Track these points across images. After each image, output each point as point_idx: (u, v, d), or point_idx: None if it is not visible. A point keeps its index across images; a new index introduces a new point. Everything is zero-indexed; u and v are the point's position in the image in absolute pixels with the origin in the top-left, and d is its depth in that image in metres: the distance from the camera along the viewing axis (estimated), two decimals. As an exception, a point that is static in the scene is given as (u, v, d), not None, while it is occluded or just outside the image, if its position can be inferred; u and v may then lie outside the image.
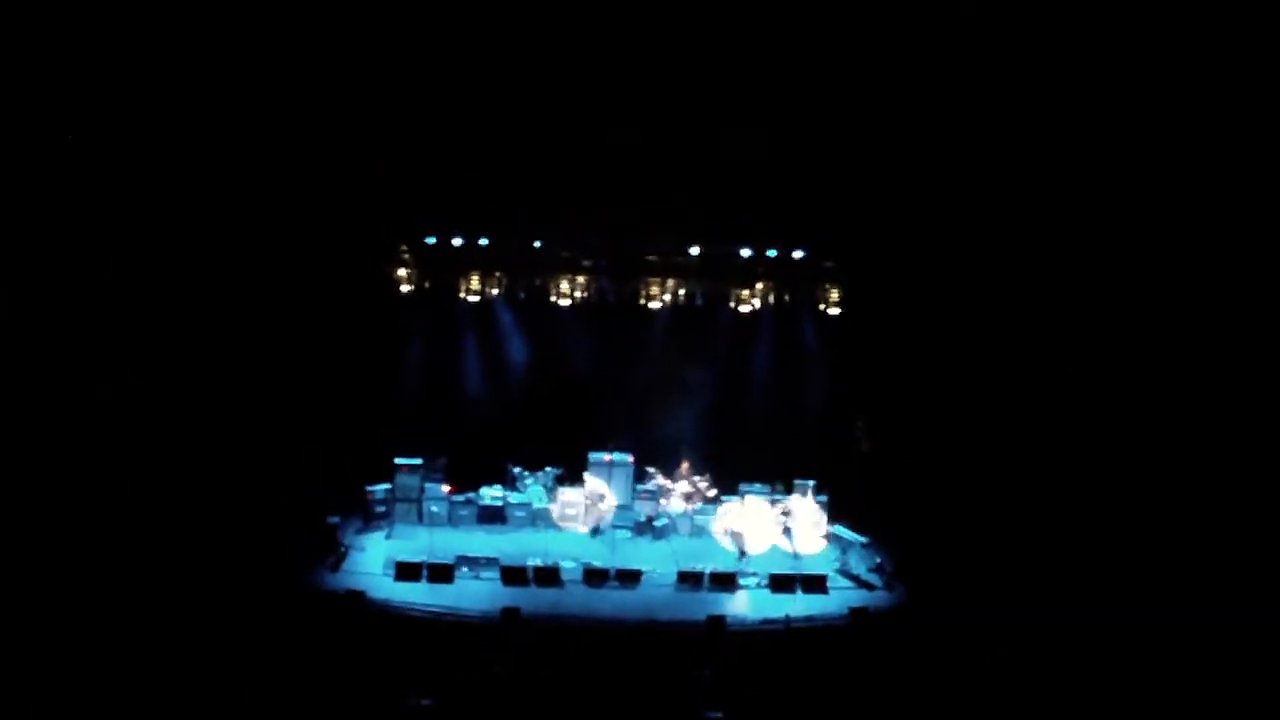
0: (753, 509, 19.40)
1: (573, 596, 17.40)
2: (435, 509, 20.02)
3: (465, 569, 17.81)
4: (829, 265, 21.05)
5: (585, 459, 20.76)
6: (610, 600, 17.35)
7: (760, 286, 21.19)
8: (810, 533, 19.49)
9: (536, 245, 20.72)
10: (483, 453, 21.17)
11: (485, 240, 20.48)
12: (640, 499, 20.65)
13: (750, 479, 20.71)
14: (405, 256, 20.79)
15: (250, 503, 17.69)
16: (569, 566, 18.05)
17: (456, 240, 20.41)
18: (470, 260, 20.81)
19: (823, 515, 19.80)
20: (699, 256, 20.78)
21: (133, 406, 17.68)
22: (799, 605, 17.22)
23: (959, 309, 19.54)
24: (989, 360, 19.41)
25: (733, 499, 20.12)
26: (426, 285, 20.96)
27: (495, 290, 21.16)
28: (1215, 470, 17.12)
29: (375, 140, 18.58)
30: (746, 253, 20.64)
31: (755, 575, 18.00)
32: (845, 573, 18.63)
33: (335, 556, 18.25)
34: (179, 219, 18.09)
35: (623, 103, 18.27)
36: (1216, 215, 17.17)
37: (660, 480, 21.00)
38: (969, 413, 19.61)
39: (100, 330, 17.46)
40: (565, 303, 21.15)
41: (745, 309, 21.26)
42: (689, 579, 17.87)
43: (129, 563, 15.78)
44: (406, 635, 15.77)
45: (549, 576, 17.75)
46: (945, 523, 18.81)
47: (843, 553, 19.37)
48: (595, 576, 17.87)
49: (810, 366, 21.86)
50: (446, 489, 20.42)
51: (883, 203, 19.25)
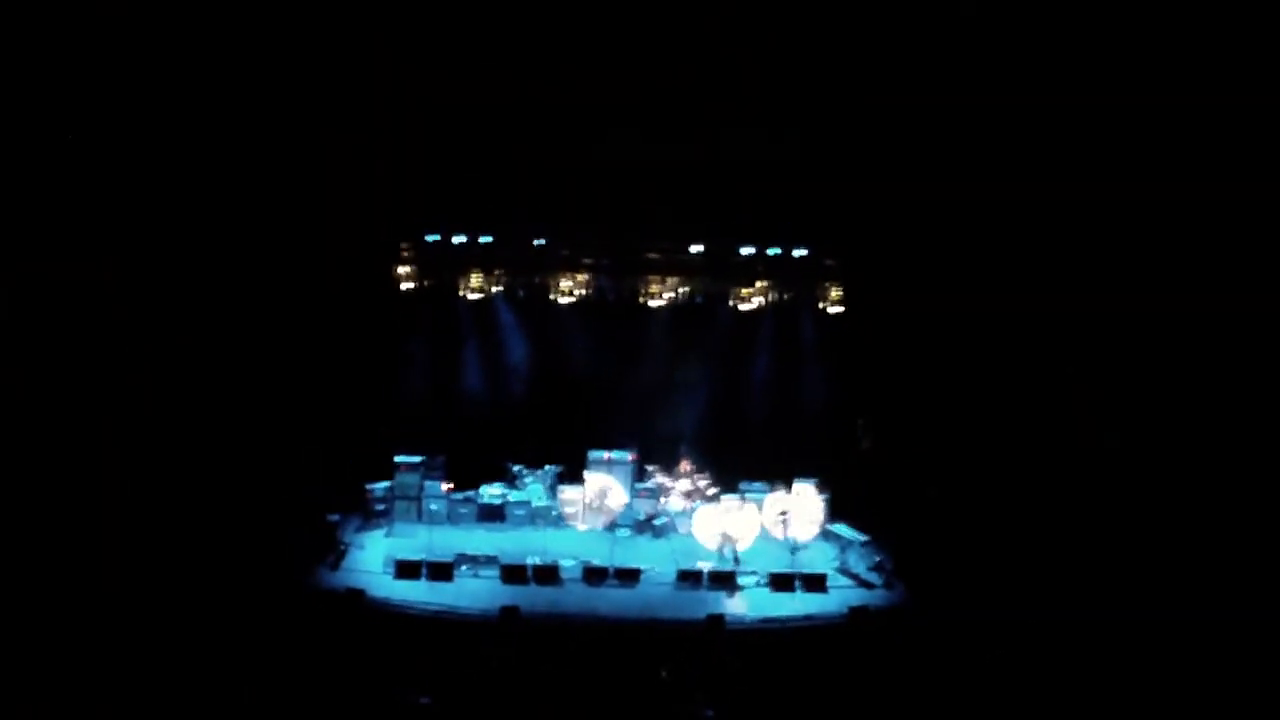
0: (732, 510, 19.30)
1: (572, 595, 17.39)
2: (435, 507, 20.05)
3: (465, 567, 17.81)
4: (830, 264, 21.06)
5: (585, 457, 20.76)
6: (609, 599, 17.33)
7: (761, 285, 21.21)
8: (807, 526, 19.52)
9: (537, 243, 20.73)
10: (482, 451, 21.20)
11: (486, 238, 20.50)
12: (640, 497, 20.64)
13: (750, 477, 20.73)
14: (406, 254, 20.83)
15: (250, 501, 17.68)
16: (568, 565, 18.05)
17: (457, 238, 20.42)
18: (471, 258, 20.86)
19: (821, 507, 19.86)
20: (700, 255, 20.77)
21: (133, 405, 17.68)
22: (798, 604, 17.23)
23: (959, 308, 19.52)
24: (989, 359, 19.40)
25: (733, 497, 20.10)
26: (427, 283, 21.02)
27: (496, 288, 21.21)
28: (1216, 469, 17.10)
29: (376, 138, 18.60)
30: (747, 251, 20.63)
31: (755, 574, 17.99)
32: (845, 571, 18.63)
33: (335, 554, 18.26)
34: (179, 219, 18.10)
35: (623, 101, 18.26)
36: (1217, 215, 17.14)
37: (660, 478, 21.00)
38: (969, 412, 19.60)
39: (100, 330, 17.45)
40: (566, 301, 21.15)
41: (746, 307, 21.27)
42: (688, 577, 17.87)
43: (129, 561, 15.79)
44: (406, 633, 15.77)
45: (548, 575, 17.74)
46: (945, 521, 18.80)
47: (842, 551, 19.37)
48: (595, 575, 17.86)
49: (811, 365, 21.87)
50: (446, 487, 20.40)
51: (884, 201, 19.25)
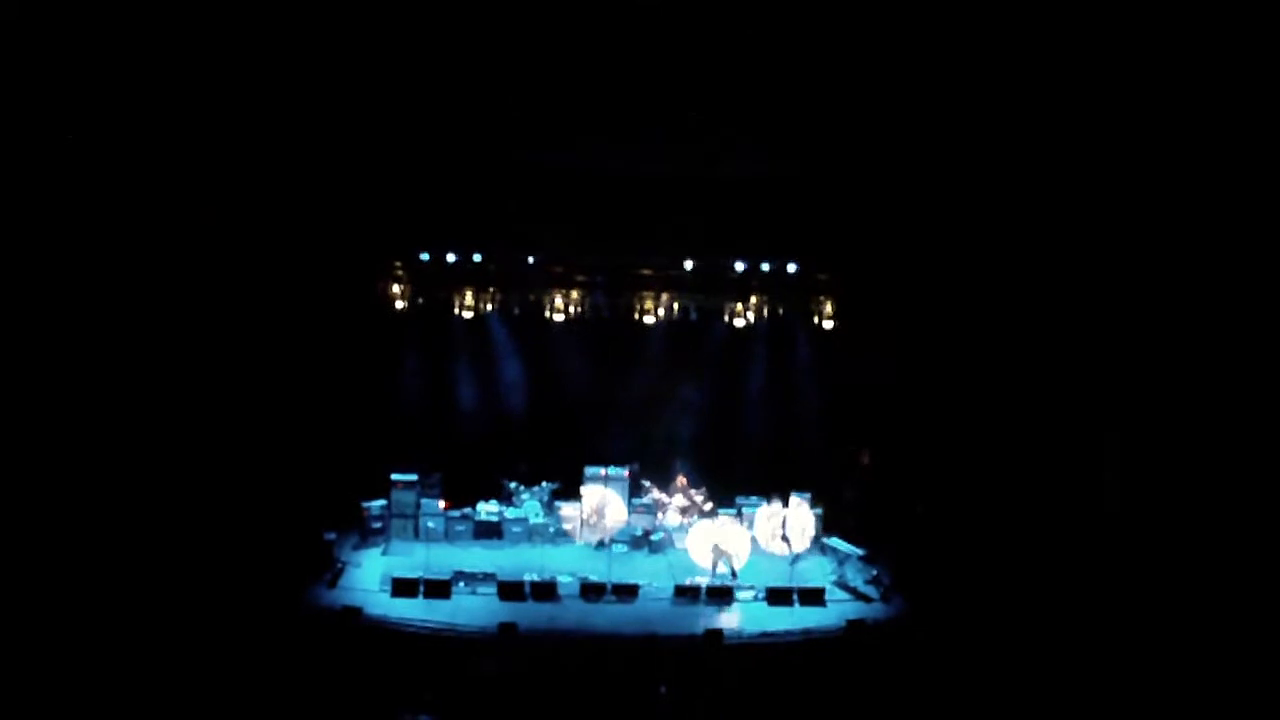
0: (727, 526, 19.32)
1: (570, 611, 17.37)
2: (431, 524, 20.05)
3: (462, 584, 17.78)
4: (823, 279, 21.11)
5: (581, 473, 20.77)
6: (607, 614, 17.32)
7: (754, 300, 21.24)
8: (800, 537, 19.57)
9: (530, 261, 20.76)
10: (478, 468, 21.21)
11: (479, 256, 20.52)
12: (636, 513, 20.65)
13: (746, 492, 20.77)
14: (399, 272, 20.84)
15: (246, 518, 17.66)
16: (566, 581, 18.05)
17: (450, 256, 20.44)
18: (464, 276, 20.86)
19: (814, 521, 19.93)
20: (692, 270, 20.82)
21: (127, 423, 17.65)
22: (796, 618, 17.23)
23: (953, 323, 19.60)
24: (984, 374, 19.43)
25: (729, 512, 20.13)
26: (420, 301, 21.02)
27: (489, 306, 21.21)
28: (1221, 482, 17.06)
29: (368, 156, 18.58)
30: (740, 266, 20.68)
31: (752, 589, 18.00)
32: (842, 585, 18.65)
33: (332, 572, 18.22)
34: (170, 234, 18.06)
35: (616, 117, 18.28)
36: (1218, 218, 17.12)
37: (656, 494, 21.02)
38: (965, 426, 19.63)
39: (97, 347, 17.42)
40: (560, 318, 21.18)
41: (739, 323, 21.30)
42: (686, 593, 17.88)
43: (125, 579, 15.74)
44: (403, 651, 15.75)
45: (546, 591, 17.73)
46: (942, 535, 18.83)
47: (840, 565, 19.39)
48: (592, 591, 17.86)
49: (805, 380, 21.92)
50: (442, 504, 20.41)
51: (877, 216, 19.31)
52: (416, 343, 21.55)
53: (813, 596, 17.78)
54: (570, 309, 21.21)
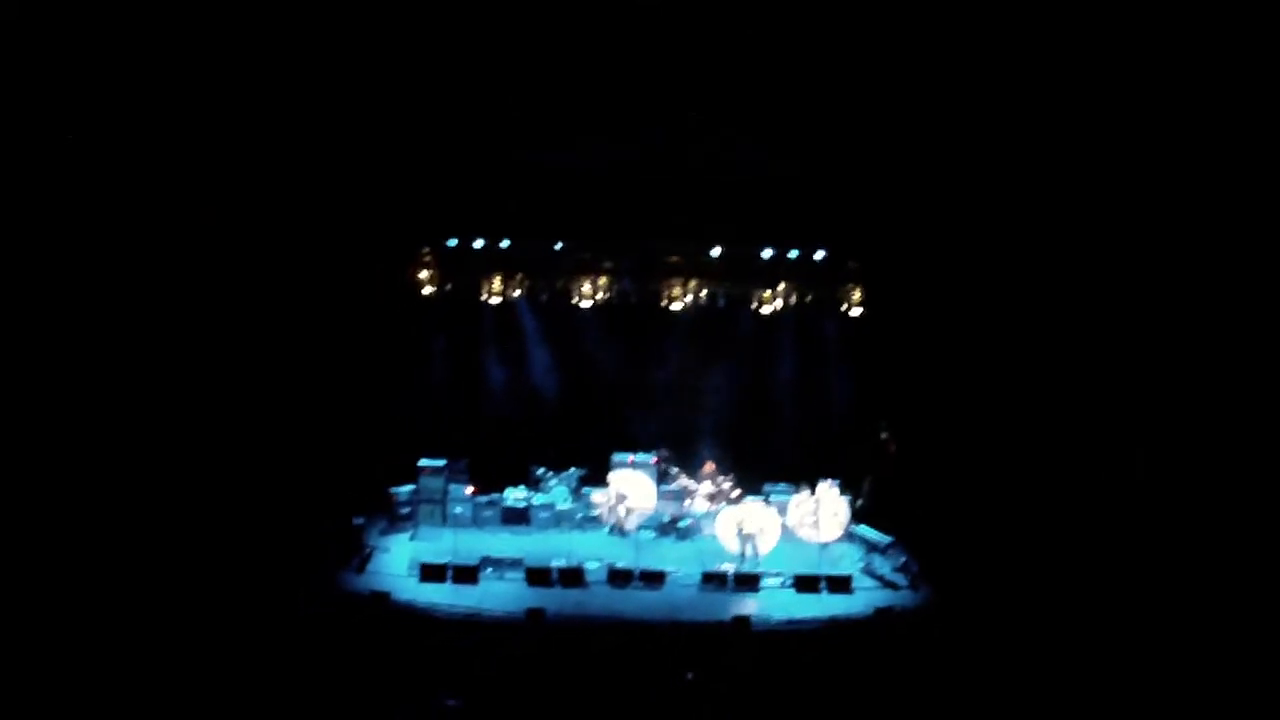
0: (755, 510, 19.32)
1: (597, 597, 17.41)
2: (459, 510, 20.13)
3: (490, 570, 17.84)
4: (851, 266, 21.01)
5: (608, 460, 20.77)
6: (635, 601, 17.34)
7: (782, 287, 21.15)
8: (831, 522, 19.52)
9: (557, 247, 20.74)
10: (506, 454, 21.24)
11: (506, 242, 20.51)
12: (664, 499, 20.64)
13: (774, 479, 20.73)
14: (427, 259, 20.85)
15: (276, 505, 17.76)
16: (593, 567, 18.06)
17: (478, 243, 20.44)
18: (492, 263, 20.86)
19: (845, 508, 19.88)
20: (720, 257, 20.75)
21: (158, 410, 17.78)
22: (824, 605, 17.20)
23: (981, 310, 19.49)
24: (1012, 361, 19.32)
25: (757, 498, 20.10)
26: (448, 288, 21.01)
27: (517, 292, 21.20)
28: (1253, 467, 16.93)
29: (395, 143, 18.61)
30: (768, 253, 20.61)
31: (780, 575, 17.97)
32: (870, 573, 18.60)
33: (360, 558, 18.32)
34: (202, 222, 18.17)
35: (642, 104, 18.25)
36: (1238, 213, 17.02)
37: (684, 481, 21.01)
38: (993, 413, 19.52)
39: (129, 333, 17.57)
40: (587, 304, 21.16)
41: (767, 310, 21.23)
42: (713, 579, 17.87)
43: (155, 564, 15.87)
44: (431, 636, 15.80)
45: (573, 577, 17.75)
46: (970, 523, 18.74)
47: (867, 553, 19.35)
48: (620, 577, 17.87)
49: (833, 367, 21.83)
50: (470, 490, 20.48)
51: (905, 202, 19.22)
52: (444, 329, 21.54)
53: (840, 584, 17.73)
54: (598, 295, 21.16)
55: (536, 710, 13.73)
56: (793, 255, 20.66)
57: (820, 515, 19.55)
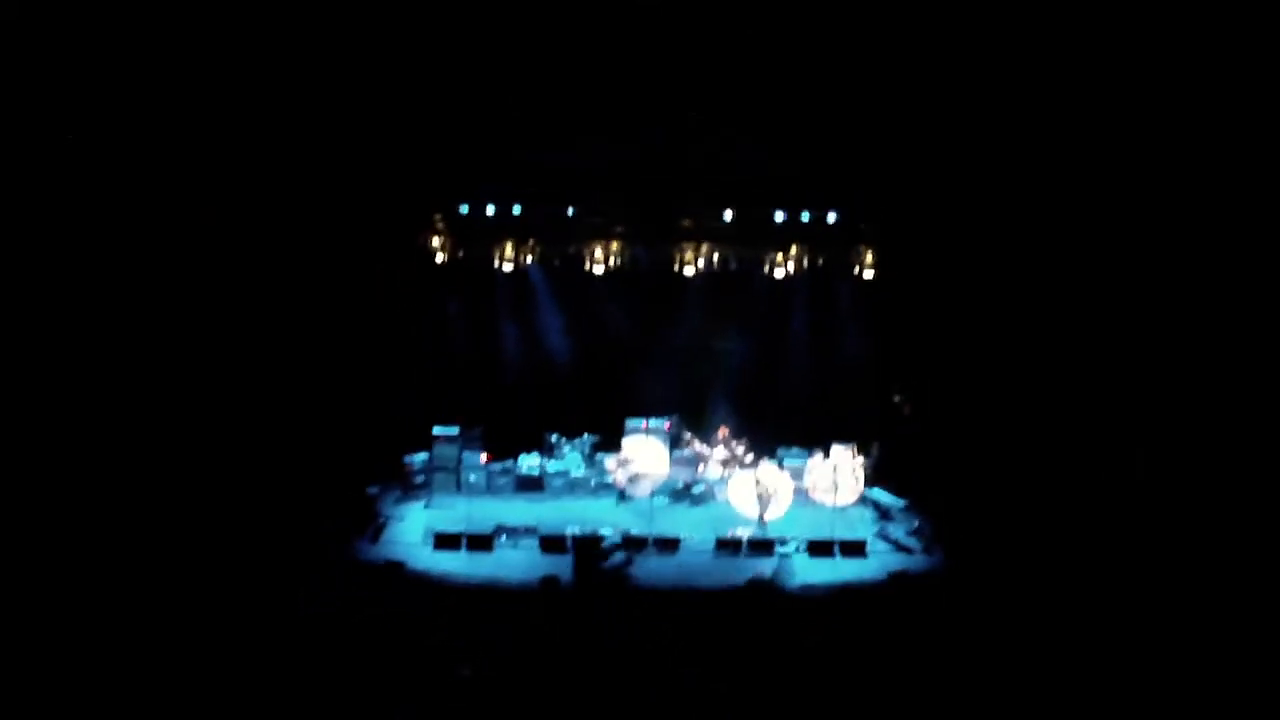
0: (769, 473, 19.31)
1: (611, 564, 17.42)
2: (473, 478, 20.17)
3: (504, 538, 17.90)
4: (864, 228, 20.88)
5: (622, 426, 20.76)
6: (648, 567, 17.38)
7: (795, 250, 21.04)
8: (850, 485, 19.50)
9: (569, 213, 20.66)
10: (520, 421, 21.25)
11: (518, 208, 20.44)
12: (677, 465, 20.64)
13: (788, 444, 20.70)
14: (439, 225, 20.80)
15: (289, 474, 17.82)
16: (607, 534, 18.09)
17: (490, 209, 20.38)
18: (504, 229, 20.80)
19: (860, 472, 19.89)
20: (732, 221, 20.64)
21: (171, 382, 17.82)
22: (838, 570, 17.21)
23: (995, 272, 19.37)
24: (1028, 324, 19.22)
25: (771, 463, 20.09)
26: (461, 254, 20.97)
27: (529, 258, 21.15)
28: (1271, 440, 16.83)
29: (407, 109, 18.54)
30: (780, 216, 20.48)
31: (794, 540, 17.97)
32: (884, 536, 18.61)
33: (374, 527, 18.38)
34: (216, 189, 18.17)
35: (654, 67, 18.12)
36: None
37: (697, 446, 21.00)
38: (1008, 376, 19.45)
39: (139, 305, 17.60)
40: (600, 270, 21.10)
41: (780, 273, 21.12)
42: (727, 545, 17.88)
43: (168, 536, 15.95)
44: (446, 604, 15.84)
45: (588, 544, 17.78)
46: (985, 486, 18.71)
47: (881, 517, 19.35)
48: (634, 544, 17.90)
49: (846, 331, 21.76)
50: (484, 458, 20.51)
51: (918, 164, 19.08)
52: (457, 296, 21.52)
53: (854, 548, 17.74)
54: (610, 261, 21.09)
55: (551, 678, 13.76)
56: (805, 218, 20.51)
57: (839, 478, 19.56)
